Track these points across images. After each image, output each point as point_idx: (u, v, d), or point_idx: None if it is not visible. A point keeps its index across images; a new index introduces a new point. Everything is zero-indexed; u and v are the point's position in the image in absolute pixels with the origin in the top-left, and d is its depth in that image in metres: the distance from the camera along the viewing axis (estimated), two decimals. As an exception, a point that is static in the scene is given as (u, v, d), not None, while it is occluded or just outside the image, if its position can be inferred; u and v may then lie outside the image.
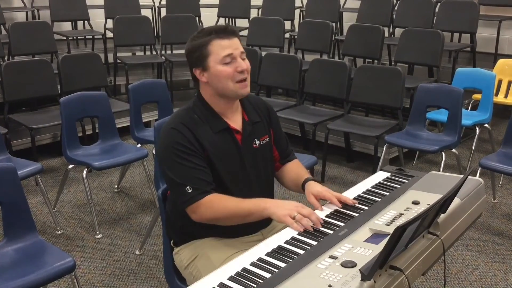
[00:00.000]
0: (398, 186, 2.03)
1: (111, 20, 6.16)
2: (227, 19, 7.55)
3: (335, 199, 1.89)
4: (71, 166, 3.63)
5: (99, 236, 3.49)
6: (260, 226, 2.06)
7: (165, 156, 1.91)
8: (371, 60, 5.68)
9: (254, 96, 2.21)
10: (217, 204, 1.85)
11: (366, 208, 1.86)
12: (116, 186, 4.22)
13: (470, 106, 4.97)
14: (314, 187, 1.98)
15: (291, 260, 1.54)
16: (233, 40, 1.92)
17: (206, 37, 1.90)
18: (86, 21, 6.76)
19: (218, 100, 1.97)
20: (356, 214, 1.81)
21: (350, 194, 1.99)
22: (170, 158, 1.88)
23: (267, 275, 1.47)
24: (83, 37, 6.97)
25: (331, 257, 1.51)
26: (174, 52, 6.68)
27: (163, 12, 7.08)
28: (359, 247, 1.56)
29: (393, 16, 6.30)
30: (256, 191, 2.00)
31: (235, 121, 2.00)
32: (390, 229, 1.57)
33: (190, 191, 1.84)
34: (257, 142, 2.03)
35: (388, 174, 2.16)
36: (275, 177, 2.19)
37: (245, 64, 1.92)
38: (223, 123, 1.97)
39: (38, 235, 2.45)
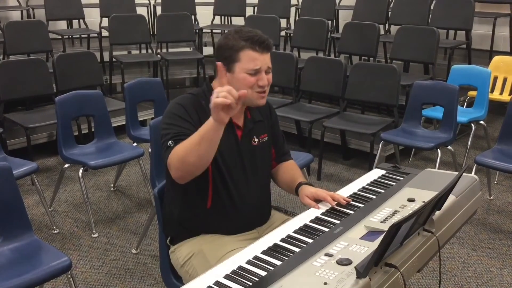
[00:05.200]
0: (394, 184, 2.04)
1: (107, 18, 6.16)
2: (222, 17, 7.54)
3: (329, 198, 1.91)
4: (67, 165, 3.62)
5: (95, 235, 3.48)
6: (256, 223, 2.07)
7: (164, 120, 1.92)
8: (366, 58, 5.68)
9: None
10: (178, 148, 1.80)
11: (362, 205, 1.87)
12: (112, 185, 4.21)
13: (465, 103, 4.98)
14: (308, 189, 2.00)
15: (286, 258, 1.54)
16: (265, 55, 1.92)
17: (241, 42, 1.89)
18: (81, 20, 6.75)
19: None
20: (352, 212, 1.82)
21: (346, 191, 2.00)
22: (166, 122, 1.90)
23: (263, 273, 1.48)
24: (78, 36, 6.96)
25: (326, 254, 1.52)
26: (170, 50, 6.67)
27: (159, 10, 7.06)
28: (355, 245, 1.57)
29: (388, 14, 6.32)
30: (252, 187, 2.02)
31: (238, 117, 2.02)
32: (386, 227, 1.57)
33: (172, 145, 1.83)
34: (256, 140, 2.06)
35: (383, 172, 2.17)
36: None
37: (268, 80, 1.93)
38: None
39: (34, 235, 2.45)
